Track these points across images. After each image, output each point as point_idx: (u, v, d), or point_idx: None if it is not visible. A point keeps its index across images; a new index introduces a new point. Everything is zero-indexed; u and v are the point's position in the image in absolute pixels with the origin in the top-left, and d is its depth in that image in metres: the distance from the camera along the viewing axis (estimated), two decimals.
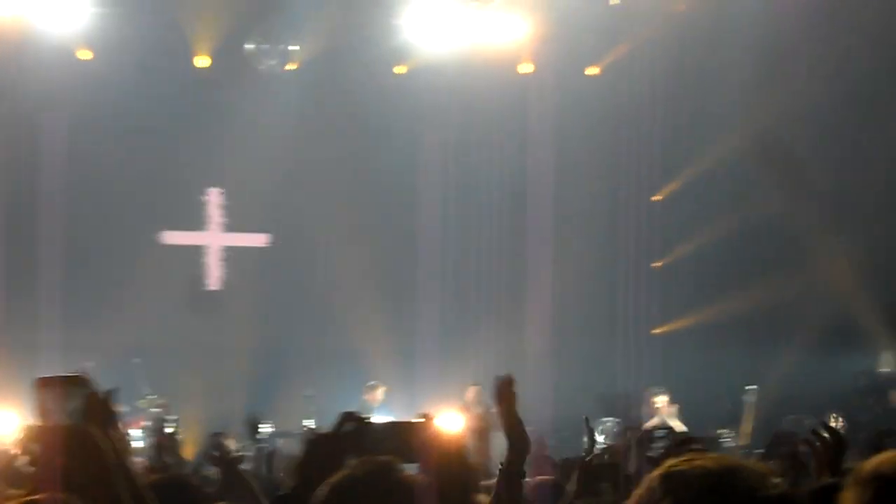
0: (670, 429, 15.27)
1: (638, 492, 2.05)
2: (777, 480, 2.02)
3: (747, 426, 18.59)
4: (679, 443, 6.32)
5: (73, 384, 3.53)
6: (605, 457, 8.01)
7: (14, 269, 19.96)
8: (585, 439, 7.73)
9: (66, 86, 19.71)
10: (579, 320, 21.09)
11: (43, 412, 3.53)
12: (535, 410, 19.37)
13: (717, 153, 20.49)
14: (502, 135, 21.54)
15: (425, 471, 3.83)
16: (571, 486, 6.60)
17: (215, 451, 8.15)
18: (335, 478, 3.64)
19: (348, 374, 20.23)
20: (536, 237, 21.29)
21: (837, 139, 20.81)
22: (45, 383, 3.54)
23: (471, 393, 17.49)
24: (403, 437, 4.21)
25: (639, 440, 7.59)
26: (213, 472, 8.57)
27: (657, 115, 20.92)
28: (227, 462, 7.59)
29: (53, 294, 19.80)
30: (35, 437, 3.53)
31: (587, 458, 6.84)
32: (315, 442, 4.55)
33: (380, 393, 18.75)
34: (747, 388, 19.12)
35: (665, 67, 20.82)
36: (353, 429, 4.37)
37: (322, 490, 3.61)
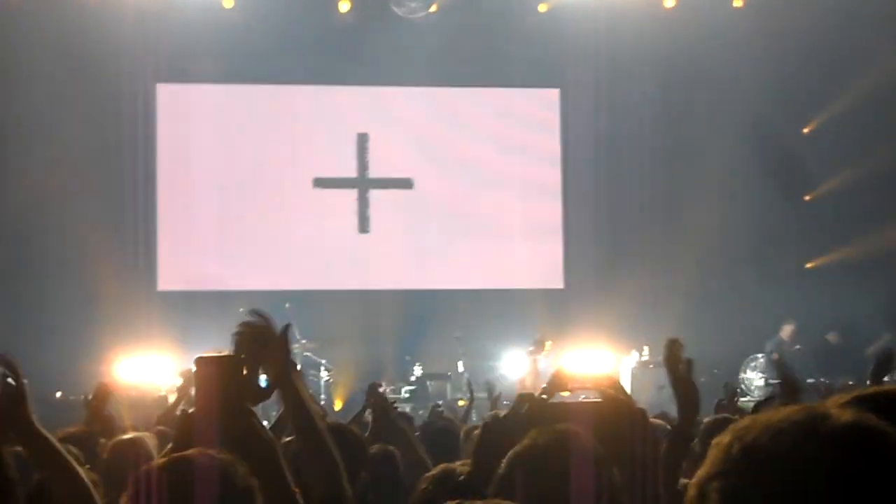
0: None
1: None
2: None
3: None
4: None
5: (232, 363, 3.47)
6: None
7: (169, 217, 20.34)
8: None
9: (211, 34, 19.90)
10: (731, 255, 20.79)
11: (202, 391, 3.48)
12: (687, 348, 19.35)
13: (865, 86, 19.97)
14: (648, 71, 21.20)
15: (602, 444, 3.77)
16: None
17: (371, 397, 8.21)
18: (517, 447, 3.63)
19: (497, 315, 20.26)
20: (685, 172, 21.03)
21: None
22: (206, 362, 3.48)
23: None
24: (582, 418, 4.13)
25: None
26: (367, 416, 8.63)
27: (804, 47, 20.43)
28: (382, 408, 7.64)
29: (208, 237, 20.15)
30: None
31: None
32: (492, 426, 4.54)
33: (547, 347, 18.67)
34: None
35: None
36: (531, 409, 4.33)
37: (505, 462, 3.61)
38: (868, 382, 8.12)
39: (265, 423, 3.81)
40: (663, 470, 4.20)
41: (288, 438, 4.88)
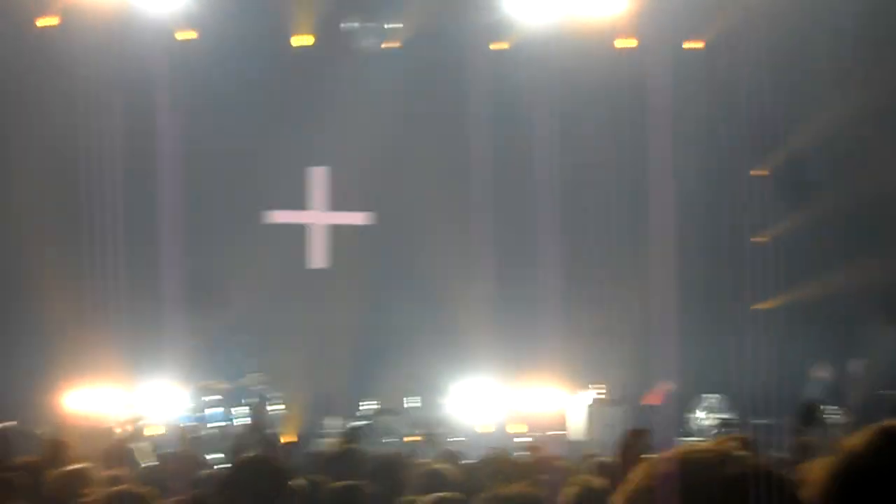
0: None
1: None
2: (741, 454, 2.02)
3: (855, 398, 18.41)
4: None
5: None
6: None
7: (125, 249, 20.29)
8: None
9: (168, 67, 19.92)
10: (681, 296, 20.93)
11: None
12: (633, 385, 19.51)
13: (819, 130, 20.22)
14: (602, 110, 21.38)
15: None
16: None
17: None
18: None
19: (452, 352, 20.30)
20: (637, 212, 21.19)
21: None
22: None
23: None
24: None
25: None
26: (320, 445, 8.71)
27: (759, 89, 20.65)
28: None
29: (161, 275, 20.10)
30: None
31: None
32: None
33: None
34: (852, 360, 18.95)
35: (768, 42, 20.53)
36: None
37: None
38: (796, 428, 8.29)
39: None
40: None
41: None
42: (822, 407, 17.24)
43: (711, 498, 1.92)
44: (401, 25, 20.85)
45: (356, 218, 21.45)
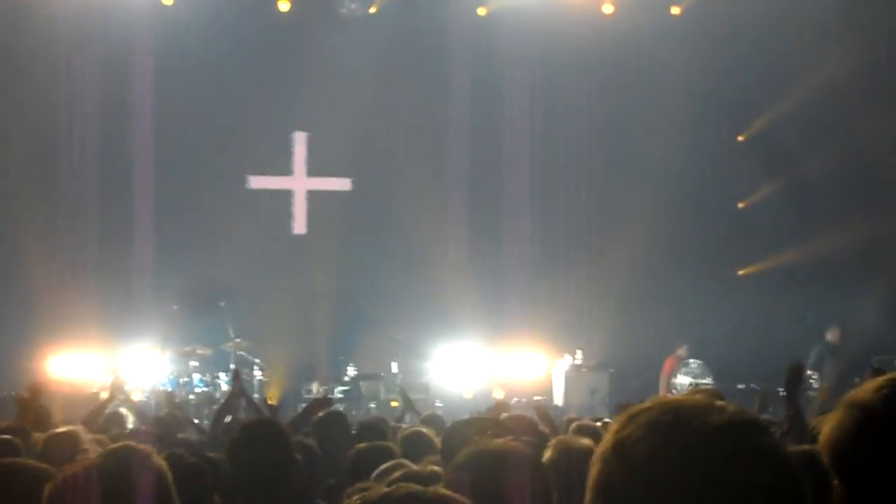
0: None
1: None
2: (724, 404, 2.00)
3: (833, 369, 18.48)
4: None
5: None
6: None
7: (104, 214, 20.24)
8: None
9: (151, 32, 19.86)
10: (665, 262, 20.98)
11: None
12: (620, 352, 19.57)
13: (800, 93, 20.23)
14: (585, 76, 21.36)
15: None
16: None
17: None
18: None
19: (433, 316, 20.31)
20: (620, 177, 21.22)
21: None
22: None
23: None
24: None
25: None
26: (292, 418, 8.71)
27: (740, 54, 20.65)
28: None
29: (143, 238, 20.07)
30: None
31: None
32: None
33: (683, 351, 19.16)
34: (830, 328, 19.00)
35: (751, 5, 20.52)
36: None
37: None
38: (782, 392, 8.31)
39: None
40: None
41: None
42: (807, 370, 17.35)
43: (704, 444, 1.90)
44: None
45: (338, 183, 21.41)
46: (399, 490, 2.40)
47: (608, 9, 20.79)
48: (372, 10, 20.63)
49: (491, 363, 19.76)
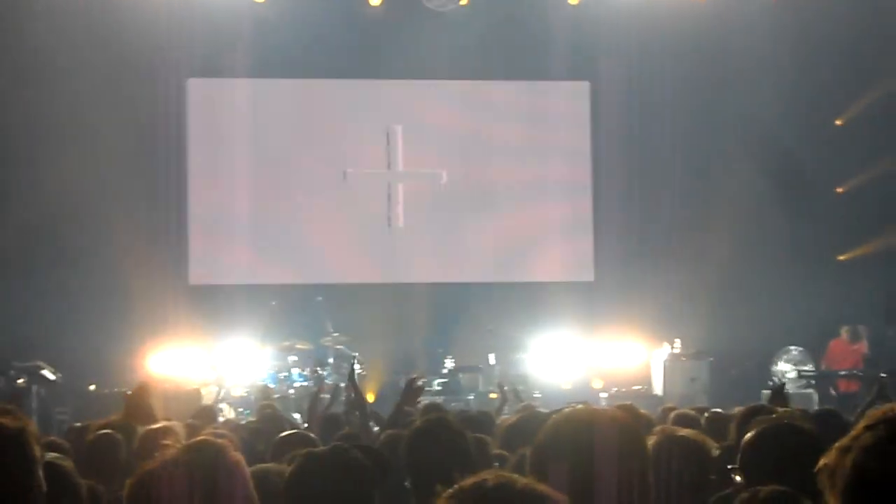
0: None
1: None
2: None
3: None
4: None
5: None
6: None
7: (204, 213, 20.43)
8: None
9: (243, 29, 20.01)
10: (763, 249, 20.76)
11: None
12: (718, 340, 19.39)
13: None
14: (680, 64, 21.14)
15: None
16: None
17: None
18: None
19: (528, 307, 20.27)
20: (716, 166, 21.02)
21: None
22: None
23: None
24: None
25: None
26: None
27: (836, 38, 20.34)
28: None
29: (241, 236, 20.24)
30: None
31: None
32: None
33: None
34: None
35: None
36: None
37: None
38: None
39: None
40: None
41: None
42: None
43: None
44: None
45: (433, 176, 21.40)
46: (492, 480, 2.41)
47: None
48: (463, 1, 20.58)
49: (589, 353, 19.69)
